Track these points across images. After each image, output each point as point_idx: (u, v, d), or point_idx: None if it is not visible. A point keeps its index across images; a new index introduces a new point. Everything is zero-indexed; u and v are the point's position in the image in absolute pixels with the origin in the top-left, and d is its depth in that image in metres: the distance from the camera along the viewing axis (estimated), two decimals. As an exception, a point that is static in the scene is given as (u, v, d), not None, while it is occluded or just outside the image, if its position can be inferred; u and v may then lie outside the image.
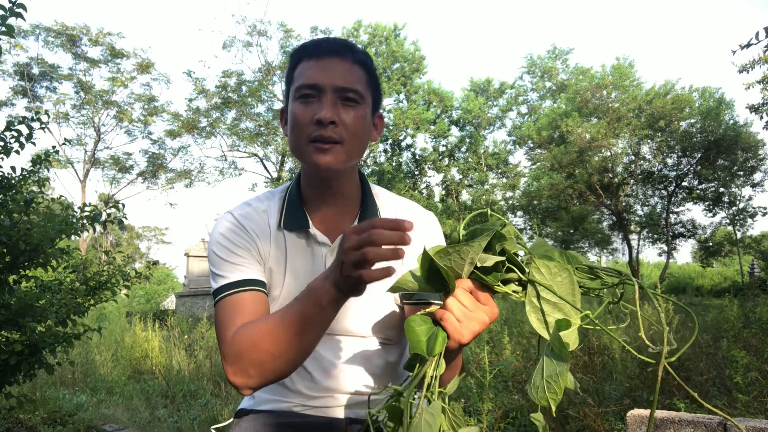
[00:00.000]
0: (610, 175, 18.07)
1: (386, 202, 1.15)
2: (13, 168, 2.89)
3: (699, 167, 17.58)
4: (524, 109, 24.39)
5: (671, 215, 18.99)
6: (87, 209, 3.02)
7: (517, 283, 0.78)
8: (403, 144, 22.47)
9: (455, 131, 23.14)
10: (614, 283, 0.78)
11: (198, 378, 5.72)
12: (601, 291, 0.78)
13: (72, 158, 20.65)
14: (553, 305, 0.73)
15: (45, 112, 2.99)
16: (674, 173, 18.20)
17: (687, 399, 2.98)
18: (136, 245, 35.47)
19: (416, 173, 22.87)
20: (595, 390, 3.23)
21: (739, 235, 19.15)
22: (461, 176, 22.77)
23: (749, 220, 18.61)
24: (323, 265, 1.07)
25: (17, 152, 2.89)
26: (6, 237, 2.67)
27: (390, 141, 21.87)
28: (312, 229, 1.07)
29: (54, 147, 3.23)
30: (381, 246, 0.74)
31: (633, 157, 18.32)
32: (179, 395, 5.06)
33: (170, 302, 18.84)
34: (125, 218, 3.15)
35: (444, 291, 0.80)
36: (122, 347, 6.80)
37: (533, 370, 0.70)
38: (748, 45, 5.07)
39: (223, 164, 21.85)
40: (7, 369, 2.78)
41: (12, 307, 2.74)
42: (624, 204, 18.75)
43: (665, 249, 19.35)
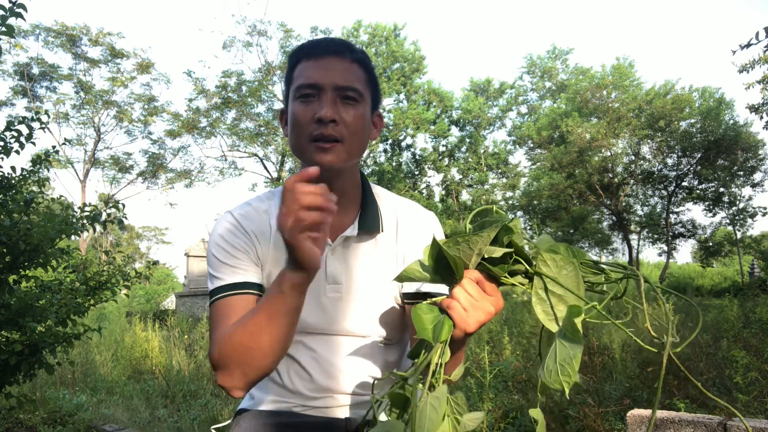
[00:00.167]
0: (610, 175, 18.08)
1: (387, 202, 1.15)
2: (13, 168, 2.89)
3: (699, 167, 17.60)
4: (524, 109, 24.42)
5: (671, 215, 19.00)
6: (87, 209, 3.02)
7: (524, 276, 0.79)
8: (403, 144, 22.48)
9: (455, 131, 23.17)
10: (618, 278, 0.78)
11: (198, 378, 5.72)
12: (605, 285, 0.79)
13: (72, 158, 20.69)
14: (559, 298, 0.74)
15: (45, 112, 2.99)
16: (674, 173, 18.21)
17: (687, 399, 2.98)
18: (136, 245, 35.49)
19: (416, 173, 22.88)
20: (595, 390, 3.23)
21: (739, 235, 19.16)
22: (461, 176, 22.79)
23: (749, 220, 18.64)
24: (323, 265, 1.07)
25: (17, 152, 2.89)
26: (6, 237, 2.67)
27: (390, 141, 21.88)
28: None
29: (54, 147, 3.23)
30: (307, 206, 0.77)
31: (633, 157, 18.33)
32: (179, 395, 5.06)
33: (170, 302, 18.85)
34: (125, 218, 3.15)
35: (451, 281, 0.80)
36: (122, 347, 6.80)
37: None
38: (748, 45, 5.07)
39: (223, 164, 21.89)
40: (7, 369, 2.78)
41: (12, 307, 2.74)
42: (624, 204, 18.76)
43: (665, 249, 19.37)
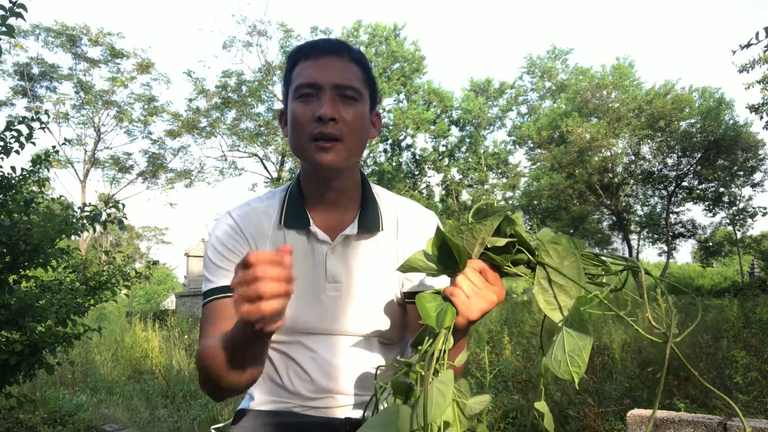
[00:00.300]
0: (610, 175, 18.08)
1: (387, 202, 1.15)
2: (13, 168, 2.89)
3: (699, 167, 17.60)
4: (524, 109, 24.42)
5: (671, 215, 19.00)
6: (87, 209, 3.02)
7: (526, 266, 0.79)
8: (403, 144, 22.48)
9: (455, 131, 23.17)
10: (619, 270, 0.78)
11: (198, 378, 5.71)
12: (606, 277, 0.79)
13: (72, 158, 20.68)
14: (561, 288, 0.75)
15: (45, 112, 2.99)
16: (674, 173, 18.21)
17: (687, 399, 2.99)
18: (136, 245, 35.49)
19: (416, 173, 22.88)
20: (595, 390, 3.23)
21: (739, 235, 19.16)
22: (461, 176, 22.79)
23: (749, 220, 18.64)
24: (323, 264, 1.07)
25: (17, 152, 2.89)
26: (6, 237, 2.67)
27: (390, 141, 21.88)
28: (312, 227, 1.07)
29: (54, 147, 3.23)
30: (268, 282, 0.69)
31: (633, 157, 18.33)
32: (179, 395, 5.06)
33: (170, 302, 18.84)
34: (125, 218, 3.15)
35: (454, 270, 0.81)
36: (122, 347, 6.80)
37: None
38: (748, 45, 5.07)
39: (223, 164, 21.89)
40: (7, 369, 2.77)
41: (12, 307, 2.74)
42: (624, 204, 18.76)
43: (665, 249, 19.37)
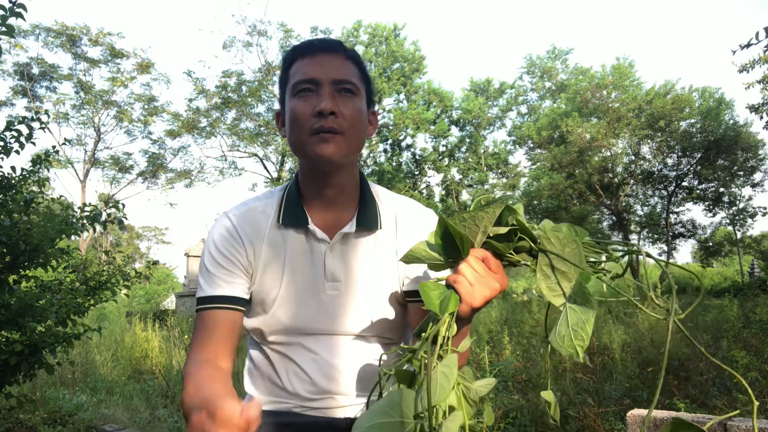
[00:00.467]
0: (610, 175, 18.08)
1: (385, 200, 1.15)
2: (13, 168, 2.89)
3: (699, 167, 17.60)
4: (524, 109, 24.42)
5: (671, 215, 19.00)
6: (87, 209, 3.02)
7: (528, 254, 0.80)
8: (403, 144, 22.48)
9: (455, 131, 23.17)
10: (619, 256, 0.79)
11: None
12: (607, 264, 0.80)
13: (72, 158, 20.68)
14: (563, 274, 0.75)
15: (45, 112, 2.99)
16: (674, 173, 18.21)
17: (687, 399, 2.99)
18: (136, 245, 35.49)
19: (416, 173, 22.88)
20: (595, 390, 3.24)
21: (739, 235, 19.16)
22: (461, 176, 22.79)
23: (749, 220, 18.64)
24: (322, 263, 1.07)
25: (17, 152, 2.89)
26: (6, 237, 2.67)
27: (390, 141, 21.88)
28: (311, 226, 1.07)
29: (54, 147, 3.23)
30: None
31: (633, 157, 18.33)
32: (179, 395, 5.06)
33: (170, 302, 18.85)
34: (125, 218, 3.15)
35: (457, 260, 0.81)
36: (122, 347, 6.80)
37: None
38: (748, 45, 5.07)
39: (223, 164, 21.89)
40: (7, 369, 2.78)
41: (12, 307, 2.74)
42: (624, 204, 18.76)
43: (665, 249, 19.36)
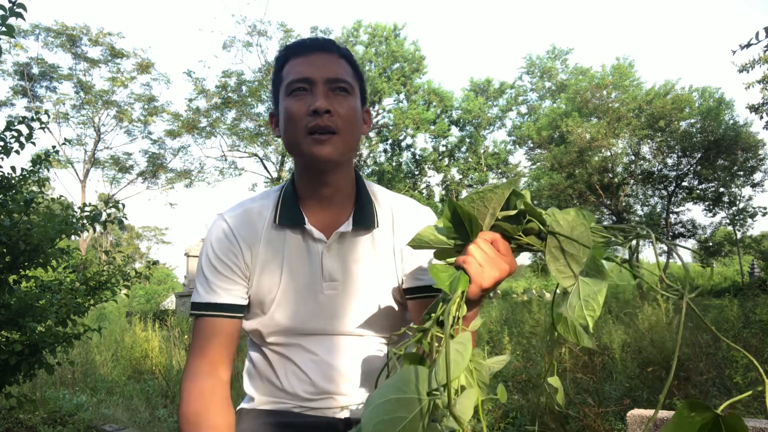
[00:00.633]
0: (610, 175, 18.07)
1: (382, 199, 1.15)
2: (13, 168, 2.89)
3: (699, 167, 17.59)
4: (524, 109, 24.40)
5: (671, 215, 19.00)
6: (87, 209, 3.02)
7: (536, 236, 0.81)
8: (403, 144, 22.47)
9: (455, 131, 23.16)
10: (628, 238, 0.79)
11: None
12: (616, 245, 0.80)
13: (72, 158, 20.66)
14: (571, 257, 0.75)
15: (45, 112, 2.99)
16: (674, 173, 18.21)
17: (687, 399, 2.98)
18: (136, 245, 35.48)
19: (416, 173, 22.87)
20: (595, 390, 3.24)
21: (739, 235, 19.16)
22: (461, 176, 22.78)
23: (749, 220, 18.63)
24: (319, 263, 1.07)
25: (17, 152, 2.88)
26: (6, 237, 2.66)
27: (390, 141, 21.86)
28: (307, 226, 1.07)
29: (54, 147, 3.22)
30: None
31: (633, 157, 18.33)
32: (179, 395, 5.05)
33: (170, 302, 18.83)
34: (125, 218, 3.15)
35: (464, 243, 0.82)
36: (122, 347, 6.80)
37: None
38: (748, 45, 5.07)
39: (223, 164, 21.86)
40: (7, 369, 2.77)
41: (12, 307, 2.74)
42: (624, 204, 18.75)
43: (665, 249, 19.36)
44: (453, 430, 0.65)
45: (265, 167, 21.53)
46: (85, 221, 3.00)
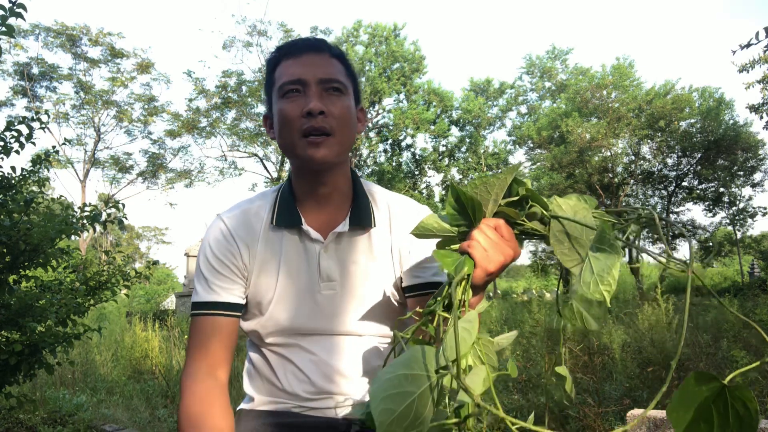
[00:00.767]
0: (610, 175, 18.08)
1: (380, 199, 1.14)
2: (13, 168, 2.89)
3: (699, 167, 17.60)
4: (524, 109, 24.40)
5: (671, 215, 18.99)
6: (87, 209, 3.02)
7: (539, 222, 0.81)
8: (403, 144, 22.47)
9: (455, 131, 23.16)
10: (628, 220, 0.79)
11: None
12: (618, 227, 0.80)
13: (72, 158, 20.65)
14: (575, 240, 0.76)
15: (45, 112, 2.99)
16: (674, 173, 18.22)
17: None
18: (136, 245, 35.48)
19: (416, 173, 22.87)
20: (595, 390, 3.23)
21: (739, 235, 19.16)
22: (461, 176, 22.78)
23: (749, 220, 18.64)
24: (317, 263, 1.07)
25: (17, 152, 2.88)
26: (6, 237, 2.66)
27: (390, 141, 21.86)
28: (305, 226, 1.07)
29: (54, 147, 3.22)
30: None
31: (633, 157, 18.33)
32: (179, 395, 5.05)
33: (170, 302, 18.82)
34: (125, 218, 3.15)
35: (468, 230, 0.82)
36: (122, 347, 6.79)
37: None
38: (748, 45, 5.08)
39: (223, 164, 21.86)
40: (7, 369, 2.77)
41: (12, 307, 2.74)
42: (624, 204, 18.75)
43: (665, 249, 19.34)
44: (464, 403, 0.65)
45: (265, 167, 21.54)
46: (85, 221, 3.00)
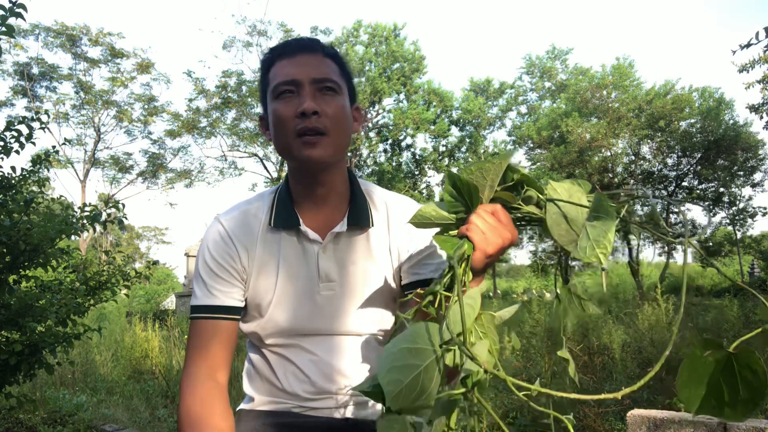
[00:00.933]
0: (610, 175, 18.08)
1: (377, 198, 1.14)
2: (13, 168, 2.89)
3: (699, 167, 17.60)
4: (524, 109, 24.40)
5: (671, 215, 18.99)
6: (87, 209, 3.02)
7: (536, 207, 0.82)
8: (403, 144, 22.47)
9: (455, 131, 23.15)
10: (622, 201, 0.80)
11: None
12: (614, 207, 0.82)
13: (72, 158, 20.66)
14: (573, 221, 0.77)
15: (45, 112, 2.99)
16: (674, 173, 18.22)
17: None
18: (136, 245, 35.49)
19: (416, 173, 22.87)
20: (595, 390, 3.23)
21: (739, 235, 19.16)
22: (461, 176, 22.74)
23: (749, 220, 18.64)
24: (315, 264, 1.07)
25: (17, 152, 2.88)
26: (6, 237, 2.66)
27: (390, 141, 21.87)
28: (302, 227, 1.07)
29: (54, 147, 3.22)
30: None
31: (633, 157, 18.34)
32: (179, 395, 5.05)
33: (170, 302, 18.82)
34: (125, 218, 3.15)
35: (466, 216, 0.83)
36: (122, 347, 6.79)
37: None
38: (748, 45, 5.08)
39: (223, 164, 21.87)
40: (7, 369, 2.77)
41: (12, 307, 2.74)
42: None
43: (665, 249, 19.36)
44: (470, 373, 0.66)
45: (265, 167, 21.55)
46: (85, 221, 3.00)
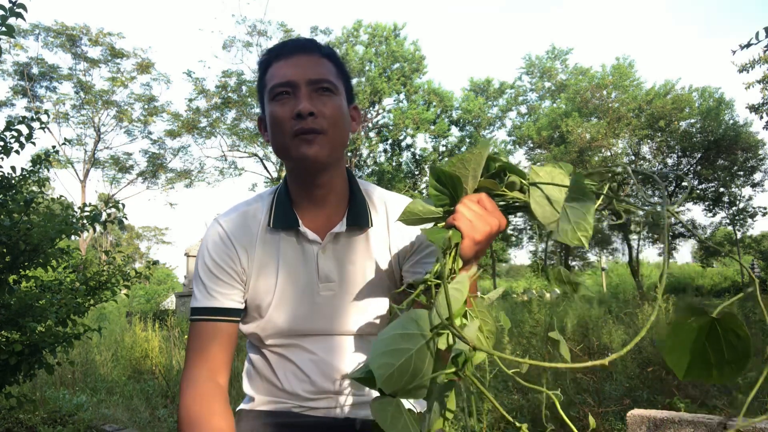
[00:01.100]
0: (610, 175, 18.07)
1: (376, 198, 1.14)
2: (13, 168, 2.89)
3: (699, 167, 17.60)
4: (524, 109, 24.39)
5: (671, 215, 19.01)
6: (87, 209, 3.02)
7: (519, 191, 0.84)
8: (403, 144, 22.46)
9: (455, 131, 23.14)
10: (606, 178, 0.81)
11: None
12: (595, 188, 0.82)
13: (72, 158, 20.67)
14: (557, 202, 0.78)
15: (45, 112, 2.99)
16: (674, 173, 18.21)
17: (687, 399, 2.99)
18: (136, 245, 35.49)
19: (416, 173, 22.86)
20: (595, 390, 3.24)
21: (739, 235, 19.16)
22: (461, 176, 22.75)
23: (749, 220, 18.64)
24: (315, 264, 1.07)
25: (17, 152, 2.88)
26: (6, 237, 2.66)
27: (390, 141, 21.86)
28: (302, 228, 1.07)
29: (54, 147, 3.22)
30: None
31: (633, 157, 18.33)
32: (179, 395, 5.05)
33: (170, 302, 18.82)
34: (125, 218, 3.15)
35: (452, 207, 0.84)
36: (122, 347, 6.79)
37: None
38: (748, 45, 5.08)
39: (223, 164, 21.86)
40: (7, 369, 2.77)
41: (12, 307, 2.74)
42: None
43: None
44: (461, 352, 0.67)
45: (265, 167, 21.54)
46: (85, 221, 3.00)
